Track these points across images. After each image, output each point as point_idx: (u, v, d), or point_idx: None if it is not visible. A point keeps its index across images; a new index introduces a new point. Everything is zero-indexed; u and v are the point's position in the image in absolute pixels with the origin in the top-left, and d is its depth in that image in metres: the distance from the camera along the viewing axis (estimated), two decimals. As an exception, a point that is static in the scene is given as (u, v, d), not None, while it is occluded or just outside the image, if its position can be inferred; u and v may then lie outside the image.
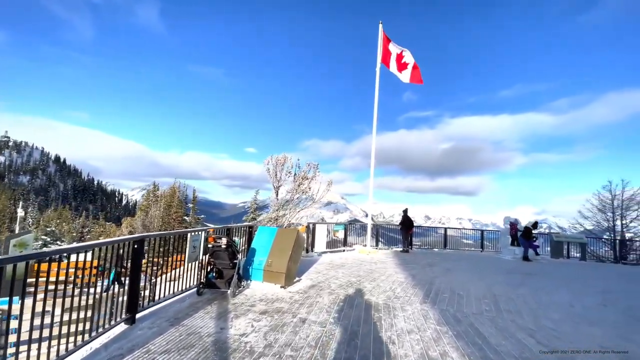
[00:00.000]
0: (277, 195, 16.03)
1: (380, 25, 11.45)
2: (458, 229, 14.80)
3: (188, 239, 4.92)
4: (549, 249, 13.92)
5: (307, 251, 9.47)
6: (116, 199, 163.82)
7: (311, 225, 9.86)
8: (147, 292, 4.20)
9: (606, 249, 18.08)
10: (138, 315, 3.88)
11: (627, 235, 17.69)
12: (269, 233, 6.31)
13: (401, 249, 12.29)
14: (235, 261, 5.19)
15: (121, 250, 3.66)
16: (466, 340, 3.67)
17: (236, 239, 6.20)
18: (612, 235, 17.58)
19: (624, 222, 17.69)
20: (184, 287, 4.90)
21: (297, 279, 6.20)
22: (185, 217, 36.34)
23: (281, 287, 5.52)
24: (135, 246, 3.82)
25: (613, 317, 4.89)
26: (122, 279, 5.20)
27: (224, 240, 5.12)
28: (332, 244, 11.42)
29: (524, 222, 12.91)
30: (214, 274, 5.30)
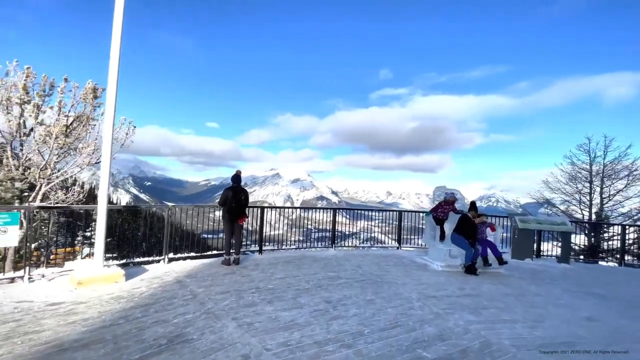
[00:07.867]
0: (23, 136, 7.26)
1: None
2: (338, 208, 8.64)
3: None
4: (504, 234, 8.37)
5: None
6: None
7: None
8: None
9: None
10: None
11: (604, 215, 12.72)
12: None
13: (223, 260, 5.75)
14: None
15: None
16: None
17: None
18: (589, 214, 12.35)
19: (604, 195, 12.53)
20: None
21: None
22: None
23: None
24: None
25: None
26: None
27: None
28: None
29: (473, 197, 6.93)
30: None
